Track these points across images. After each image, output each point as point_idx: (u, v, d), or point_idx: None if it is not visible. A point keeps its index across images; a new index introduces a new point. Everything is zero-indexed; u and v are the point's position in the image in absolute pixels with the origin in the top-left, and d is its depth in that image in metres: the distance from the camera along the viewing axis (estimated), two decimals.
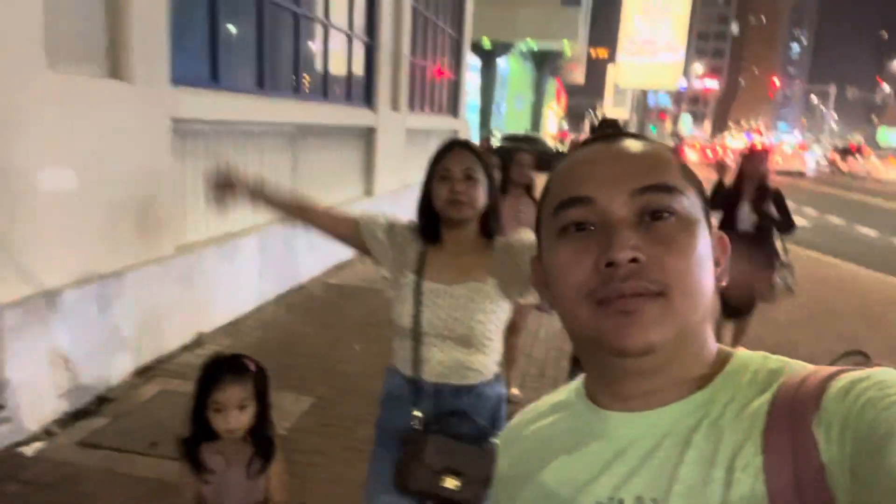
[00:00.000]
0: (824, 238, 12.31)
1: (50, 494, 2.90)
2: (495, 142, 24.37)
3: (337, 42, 7.64)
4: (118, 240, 3.92)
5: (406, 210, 1.97)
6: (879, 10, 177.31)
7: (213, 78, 5.04)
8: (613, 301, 0.57)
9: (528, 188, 4.04)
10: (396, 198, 8.96)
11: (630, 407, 0.62)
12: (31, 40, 3.20)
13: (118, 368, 3.92)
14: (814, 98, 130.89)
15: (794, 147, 44.98)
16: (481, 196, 1.76)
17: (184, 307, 4.56)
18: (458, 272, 1.76)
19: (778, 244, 4.58)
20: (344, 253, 7.66)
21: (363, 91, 8.43)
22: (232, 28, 5.52)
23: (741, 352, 0.63)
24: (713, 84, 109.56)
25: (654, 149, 0.64)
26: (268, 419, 1.85)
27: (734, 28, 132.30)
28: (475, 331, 1.72)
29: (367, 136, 8.40)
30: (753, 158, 4.71)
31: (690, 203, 0.61)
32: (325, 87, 7.42)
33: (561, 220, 0.62)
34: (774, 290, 4.50)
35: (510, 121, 32.26)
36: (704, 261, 0.60)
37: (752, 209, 4.51)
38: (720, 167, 4.99)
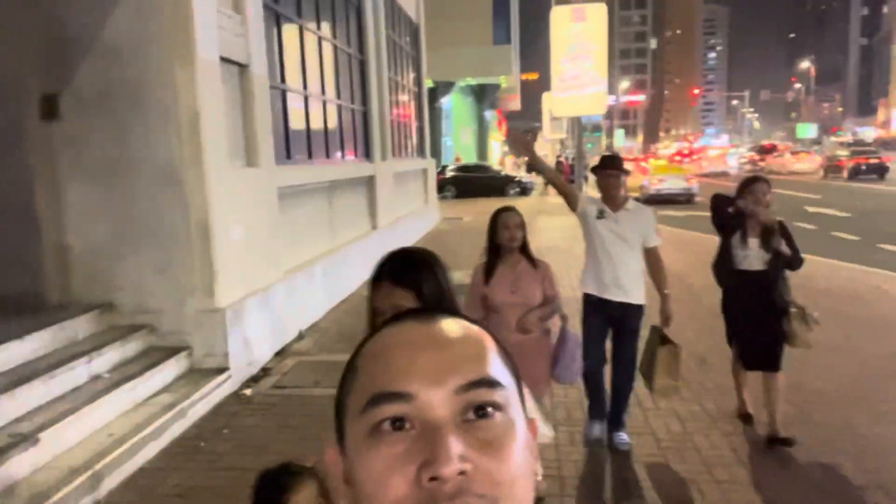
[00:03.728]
0: None
1: (270, 413, 5.04)
2: (449, 172, 27.06)
3: (347, 114, 9.98)
4: (259, 266, 6.12)
5: (399, 238, 3.61)
6: (787, 14, 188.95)
7: (288, 156, 7.30)
8: None
9: (523, 249, 3.42)
10: (392, 229, 11.29)
11: None
12: (223, 149, 5.43)
13: (269, 349, 6.10)
14: (733, 103, 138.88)
15: (720, 150, 49.17)
16: None
17: (290, 313, 6.73)
18: None
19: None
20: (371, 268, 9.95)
21: (364, 148, 10.76)
22: (293, 122, 7.78)
23: None
24: (640, 98, 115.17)
25: (474, 333, 0.60)
26: None
27: (652, 43, 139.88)
28: None
29: (370, 183, 10.69)
30: (753, 188, 4.08)
31: (511, 392, 0.57)
32: (342, 150, 9.73)
33: (373, 416, 0.54)
34: (801, 335, 4.06)
35: (458, 153, 34.91)
36: (528, 459, 0.56)
37: (762, 245, 4.02)
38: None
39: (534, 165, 3.78)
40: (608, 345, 4.18)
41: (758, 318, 4.09)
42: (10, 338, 4.33)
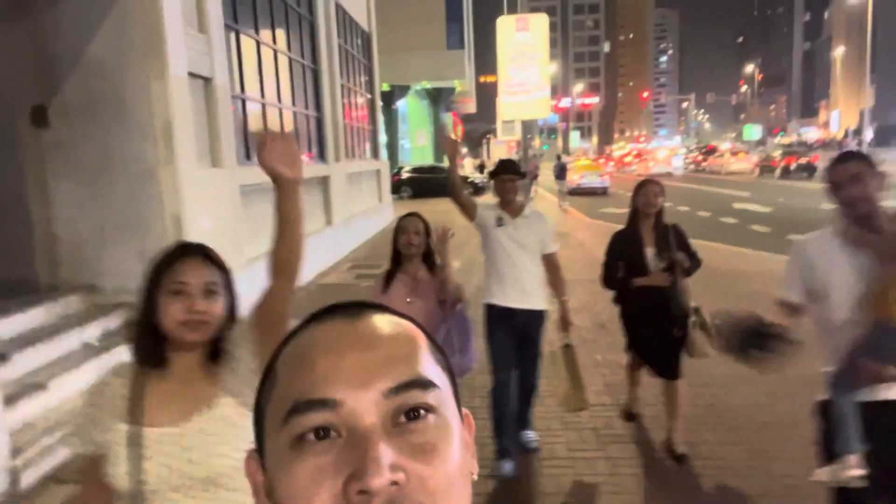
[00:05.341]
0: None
1: None
2: (405, 173, 28.02)
3: (302, 120, 10.89)
4: (225, 254, 6.97)
5: (353, 233, 4.27)
6: (735, 18, 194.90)
7: (248, 157, 8.19)
8: None
9: (426, 257, 3.40)
10: (346, 225, 12.22)
11: None
12: (192, 152, 6.31)
13: None
14: (684, 105, 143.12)
15: (668, 151, 51.28)
16: (222, 312, 1.51)
17: (252, 296, 7.60)
18: (187, 404, 1.45)
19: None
20: (327, 260, 10.83)
21: (319, 150, 11.67)
22: (252, 127, 8.66)
23: None
24: (594, 100, 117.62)
25: (404, 330, 0.56)
26: None
27: (606, 47, 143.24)
28: (217, 469, 1.42)
29: (324, 183, 11.60)
30: (645, 190, 3.95)
31: (445, 392, 0.54)
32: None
33: (296, 426, 0.50)
34: (703, 343, 3.85)
35: (415, 155, 35.91)
36: (464, 460, 0.53)
37: (657, 253, 3.87)
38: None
39: (451, 169, 4.04)
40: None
41: (655, 326, 3.97)
42: (14, 311, 5.15)
